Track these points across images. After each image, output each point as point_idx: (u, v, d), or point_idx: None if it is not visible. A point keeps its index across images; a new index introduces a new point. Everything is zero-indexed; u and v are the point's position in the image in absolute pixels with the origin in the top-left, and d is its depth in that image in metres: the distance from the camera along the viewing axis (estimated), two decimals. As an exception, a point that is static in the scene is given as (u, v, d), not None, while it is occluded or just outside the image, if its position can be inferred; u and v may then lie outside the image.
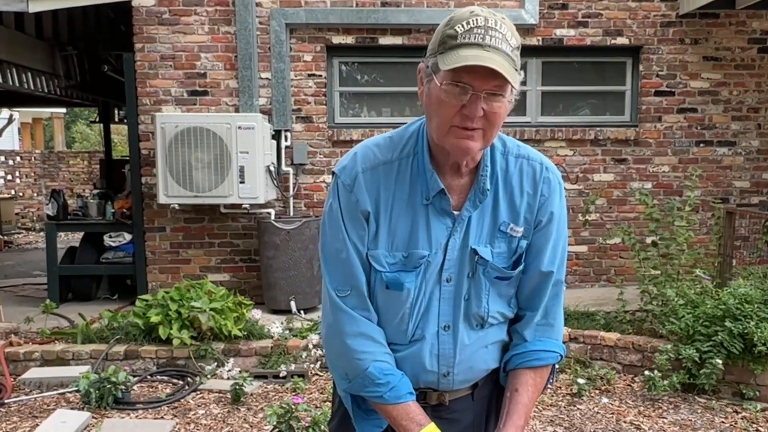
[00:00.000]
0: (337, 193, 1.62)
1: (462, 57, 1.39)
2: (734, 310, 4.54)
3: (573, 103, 7.01)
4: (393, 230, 1.59)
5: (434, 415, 1.68)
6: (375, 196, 1.58)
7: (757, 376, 4.57)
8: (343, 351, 1.63)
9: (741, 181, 6.91)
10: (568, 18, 6.65)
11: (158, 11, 6.40)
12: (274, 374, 5.02)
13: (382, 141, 1.64)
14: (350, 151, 1.65)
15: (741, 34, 6.75)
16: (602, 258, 6.89)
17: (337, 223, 1.60)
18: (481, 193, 1.58)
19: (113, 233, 6.95)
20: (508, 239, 1.62)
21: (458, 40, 1.41)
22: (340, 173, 1.62)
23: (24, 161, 16.53)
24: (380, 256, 1.60)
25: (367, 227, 1.59)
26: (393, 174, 1.59)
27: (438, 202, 1.58)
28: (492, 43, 1.40)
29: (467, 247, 1.60)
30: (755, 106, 6.84)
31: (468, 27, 1.41)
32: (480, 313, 1.64)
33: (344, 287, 1.61)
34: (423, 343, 1.64)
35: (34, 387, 4.93)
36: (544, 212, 1.63)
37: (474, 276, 1.62)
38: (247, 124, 5.96)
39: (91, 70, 9.11)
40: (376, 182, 1.59)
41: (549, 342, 1.69)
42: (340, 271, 1.61)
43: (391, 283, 1.60)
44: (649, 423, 4.30)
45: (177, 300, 5.24)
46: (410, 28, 6.53)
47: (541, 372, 1.69)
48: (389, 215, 1.59)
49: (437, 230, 1.58)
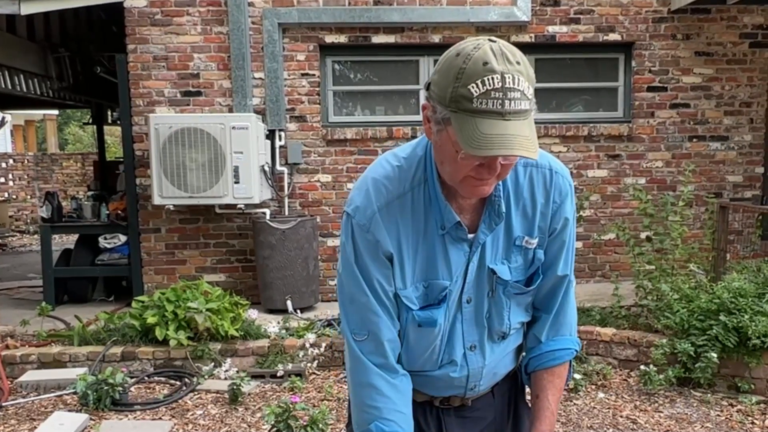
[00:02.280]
0: (351, 235, 1.54)
1: (484, 139, 1.28)
2: (729, 304, 4.56)
3: (566, 100, 7.03)
4: (414, 263, 1.55)
5: (457, 414, 1.71)
6: (395, 234, 1.52)
7: (752, 370, 4.60)
8: (354, 397, 1.62)
9: (734, 175, 6.94)
10: (560, 15, 6.66)
11: (150, 12, 6.39)
12: (271, 374, 5.02)
13: (391, 172, 1.54)
14: (358, 186, 1.56)
15: (732, 29, 6.78)
16: (597, 254, 6.91)
17: (352, 266, 1.54)
18: (497, 216, 1.54)
19: (108, 235, 6.94)
20: (524, 251, 1.60)
21: (474, 104, 1.28)
22: (354, 213, 1.53)
23: (17, 163, 16.49)
24: (411, 294, 1.55)
25: (391, 267, 1.54)
26: (408, 206, 1.52)
27: (454, 232, 1.53)
28: (512, 108, 1.29)
29: (484, 267, 1.57)
30: (747, 100, 6.87)
31: (483, 89, 1.28)
32: (502, 329, 1.64)
33: (362, 331, 1.57)
34: (453, 366, 1.64)
35: (32, 390, 4.92)
36: (558, 219, 1.60)
37: (494, 295, 1.60)
38: (241, 124, 5.95)
39: (83, 71, 9.08)
40: (393, 219, 1.52)
41: (563, 340, 1.70)
42: (357, 315, 1.57)
43: (423, 321, 1.57)
44: (646, 417, 4.33)
45: (173, 301, 5.24)
46: (403, 26, 6.54)
47: (559, 371, 1.71)
48: (410, 249, 1.53)
49: (456, 258, 1.55)
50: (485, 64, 1.29)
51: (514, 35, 6.61)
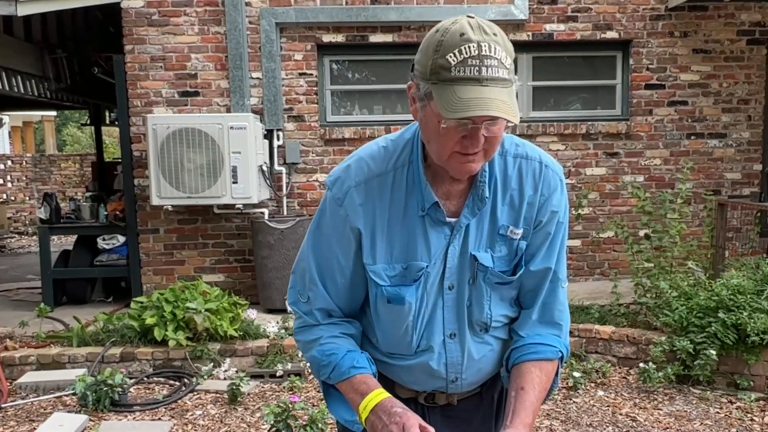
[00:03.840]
0: (324, 206, 1.61)
1: (462, 102, 1.32)
2: (727, 301, 4.56)
3: (564, 98, 7.03)
4: (391, 242, 1.57)
5: (443, 414, 1.69)
6: (371, 211, 1.55)
7: (751, 367, 4.60)
8: (301, 350, 1.71)
9: (732, 172, 6.95)
10: (557, 13, 6.66)
11: (147, 12, 6.38)
12: (270, 374, 5.02)
13: (377, 151, 1.59)
14: (344, 162, 1.62)
15: (730, 26, 6.78)
16: (596, 252, 6.91)
17: (313, 233, 1.64)
18: (480, 201, 1.55)
19: (107, 236, 6.94)
20: (509, 242, 1.59)
21: (452, 73, 1.33)
22: (331, 185, 1.59)
23: (15, 165, 16.47)
24: (380, 270, 1.58)
25: (357, 242, 1.57)
26: (388, 186, 1.56)
27: (433, 213, 1.54)
28: (489, 75, 1.33)
29: (467, 253, 1.57)
30: (745, 97, 6.87)
31: (461, 57, 1.33)
32: (482, 319, 1.62)
33: (303, 294, 1.66)
34: (430, 352, 1.63)
35: (31, 391, 4.92)
36: (544, 212, 1.59)
37: (475, 282, 1.59)
38: (238, 124, 5.95)
39: (81, 72, 9.08)
40: (371, 196, 1.55)
41: (547, 336, 1.64)
42: (301, 278, 1.67)
43: (392, 297, 1.58)
44: (645, 415, 4.33)
45: (172, 301, 5.24)
46: (400, 25, 6.54)
47: (544, 368, 1.62)
48: (386, 228, 1.56)
49: (435, 240, 1.56)
50: (462, 35, 1.34)
51: (512, 34, 6.60)
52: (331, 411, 1.70)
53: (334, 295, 1.63)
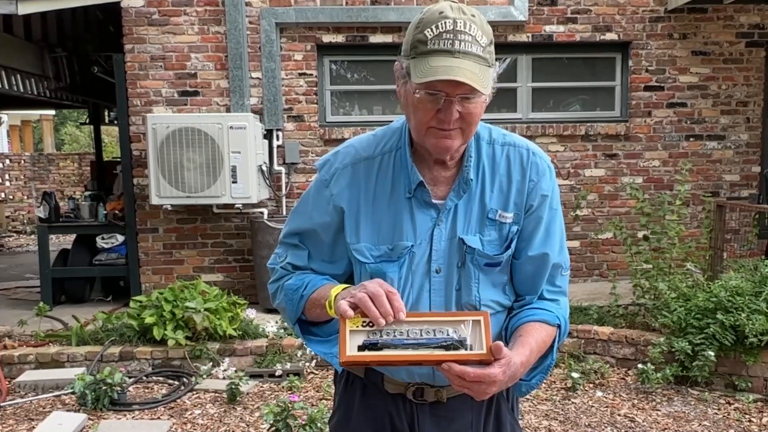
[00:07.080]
0: (312, 186, 1.71)
1: (432, 69, 1.41)
2: (726, 302, 4.57)
3: (563, 99, 7.04)
4: (377, 224, 1.61)
5: (432, 412, 1.67)
6: (356, 192, 1.62)
7: (749, 368, 4.61)
8: (272, 294, 1.76)
9: (731, 174, 6.96)
10: (557, 14, 6.67)
11: (147, 12, 6.38)
12: (269, 373, 5.02)
13: (366, 138, 1.68)
14: (335, 148, 1.71)
15: (729, 29, 6.79)
16: (594, 253, 6.92)
17: (299, 208, 1.74)
18: (465, 183, 1.59)
19: (106, 235, 6.94)
20: (499, 226, 1.61)
21: (428, 46, 1.43)
22: (320, 168, 1.69)
23: (14, 164, 16.44)
24: (363, 248, 1.62)
25: (339, 220, 1.64)
26: (374, 169, 1.62)
27: (420, 195, 1.59)
28: (461, 48, 1.41)
29: (455, 237, 1.59)
30: (744, 99, 6.89)
31: (437, 32, 1.42)
32: (471, 302, 1.62)
33: (281, 256, 1.75)
34: None
35: (30, 390, 4.92)
36: (534, 197, 1.62)
37: (464, 266, 1.61)
38: (238, 124, 5.95)
39: (80, 71, 9.06)
40: (356, 178, 1.62)
41: (547, 303, 1.64)
42: (283, 248, 1.76)
43: (374, 273, 1.60)
44: (643, 415, 4.34)
45: (171, 300, 5.24)
46: (400, 25, 6.54)
47: (544, 327, 1.59)
48: (371, 210, 1.61)
49: (421, 221, 1.59)
50: (441, 13, 1.44)
51: (512, 35, 6.62)
52: (310, 347, 1.76)
53: (309, 261, 1.71)
